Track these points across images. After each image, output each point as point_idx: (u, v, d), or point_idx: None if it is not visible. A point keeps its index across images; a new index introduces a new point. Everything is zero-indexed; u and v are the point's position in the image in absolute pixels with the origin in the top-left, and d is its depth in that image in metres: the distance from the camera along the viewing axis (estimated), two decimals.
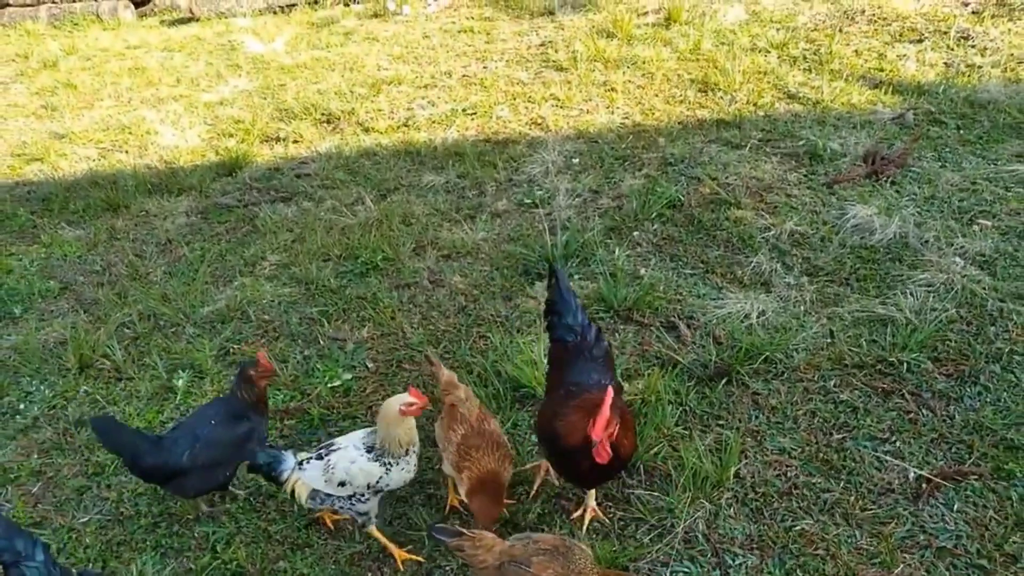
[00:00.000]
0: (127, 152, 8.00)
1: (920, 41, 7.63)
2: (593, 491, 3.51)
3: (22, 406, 4.62)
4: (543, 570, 2.78)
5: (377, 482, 3.31)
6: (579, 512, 3.54)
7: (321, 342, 4.86)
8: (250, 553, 3.55)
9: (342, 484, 3.31)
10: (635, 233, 5.49)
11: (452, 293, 5.17)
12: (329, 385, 4.48)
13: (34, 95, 10.12)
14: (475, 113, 7.74)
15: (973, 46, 7.40)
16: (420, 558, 3.45)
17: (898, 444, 3.72)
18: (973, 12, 8.02)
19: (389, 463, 3.31)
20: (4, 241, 6.51)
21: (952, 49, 7.41)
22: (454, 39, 9.90)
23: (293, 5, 12.56)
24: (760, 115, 6.83)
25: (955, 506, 3.41)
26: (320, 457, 3.38)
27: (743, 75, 7.42)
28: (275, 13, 12.42)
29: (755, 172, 5.97)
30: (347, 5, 12.27)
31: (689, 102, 7.25)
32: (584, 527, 3.47)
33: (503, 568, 2.84)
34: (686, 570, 3.28)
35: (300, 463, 3.40)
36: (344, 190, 6.65)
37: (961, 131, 6.18)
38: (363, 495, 3.34)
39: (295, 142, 7.68)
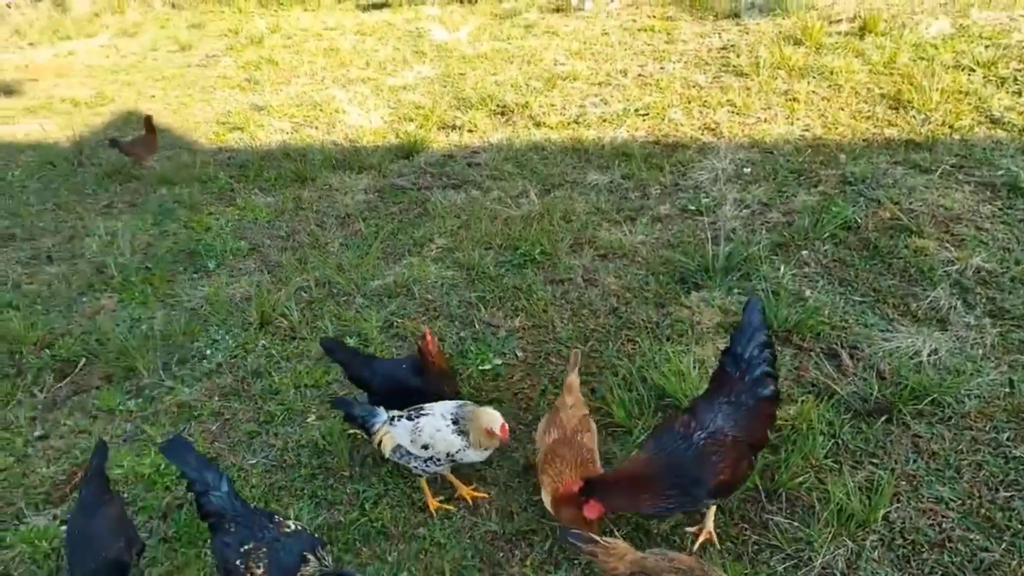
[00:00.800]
0: (317, 128, 8.62)
1: None
2: (712, 514, 3.46)
3: (208, 352, 5.14)
4: None
5: (456, 453, 3.59)
6: (694, 529, 3.51)
7: (476, 326, 5.06)
8: (394, 516, 3.78)
9: (425, 447, 3.61)
10: (803, 252, 5.29)
11: (605, 293, 5.22)
12: (480, 367, 4.66)
13: (240, 68, 11.09)
14: (647, 114, 7.71)
15: None
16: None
17: None
18: None
19: (468, 441, 3.57)
20: (205, 201, 7.22)
21: None
22: (633, 37, 9.89)
23: None
24: (955, 139, 6.36)
25: None
26: (410, 418, 3.68)
27: (941, 94, 6.92)
28: (461, 3, 12.88)
29: (943, 200, 5.58)
30: None
31: (877, 119, 6.87)
32: (695, 546, 3.42)
33: None
34: None
35: (392, 419, 3.73)
36: (511, 182, 6.84)
37: None
38: (440, 460, 3.61)
39: (470, 131, 7.98)
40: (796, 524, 3.49)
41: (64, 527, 3.81)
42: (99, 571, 3.17)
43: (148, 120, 7.87)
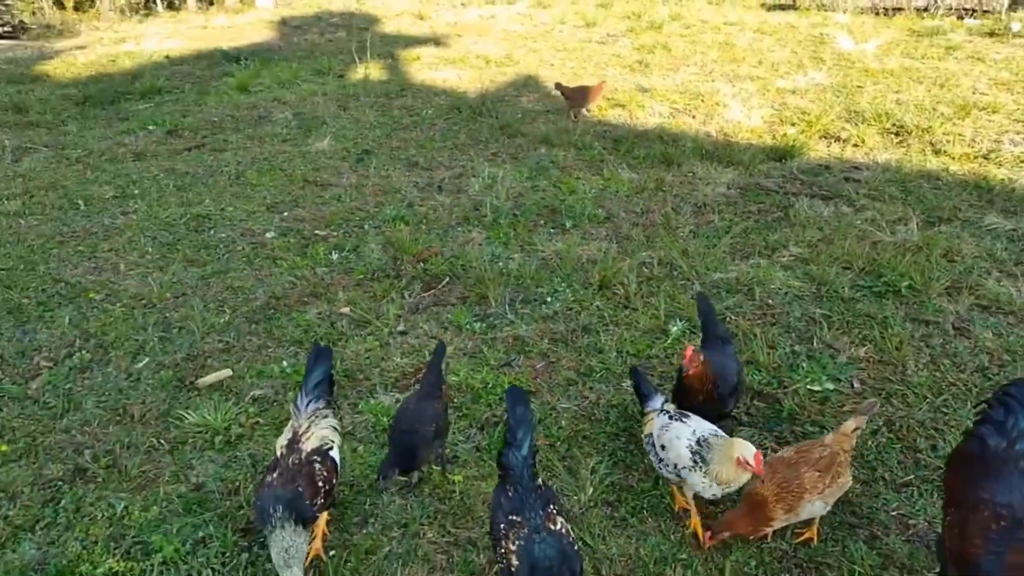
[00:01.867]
0: (694, 117, 8.68)
1: None
2: None
3: (549, 299, 5.51)
4: None
5: (681, 468, 3.45)
6: None
7: (815, 344, 4.77)
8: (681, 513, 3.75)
9: (663, 447, 3.55)
10: None
11: (976, 349, 4.57)
12: (808, 387, 4.40)
13: (634, 50, 11.55)
14: None
15: None
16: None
17: None
18: None
19: (700, 466, 3.39)
20: (576, 166, 7.70)
21: None
22: None
23: (899, 9, 11.95)
24: None
25: None
26: (670, 416, 3.62)
27: None
28: (877, 14, 11.99)
29: None
30: (960, 19, 11.24)
31: None
32: None
33: None
34: None
35: (662, 409, 3.70)
36: (890, 205, 6.27)
37: None
38: (669, 467, 3.52)
39: (855, 145, 7.45)
40: None
41: None
42: (399, 439, 3.69)
43: (601, 83, 9.07)
